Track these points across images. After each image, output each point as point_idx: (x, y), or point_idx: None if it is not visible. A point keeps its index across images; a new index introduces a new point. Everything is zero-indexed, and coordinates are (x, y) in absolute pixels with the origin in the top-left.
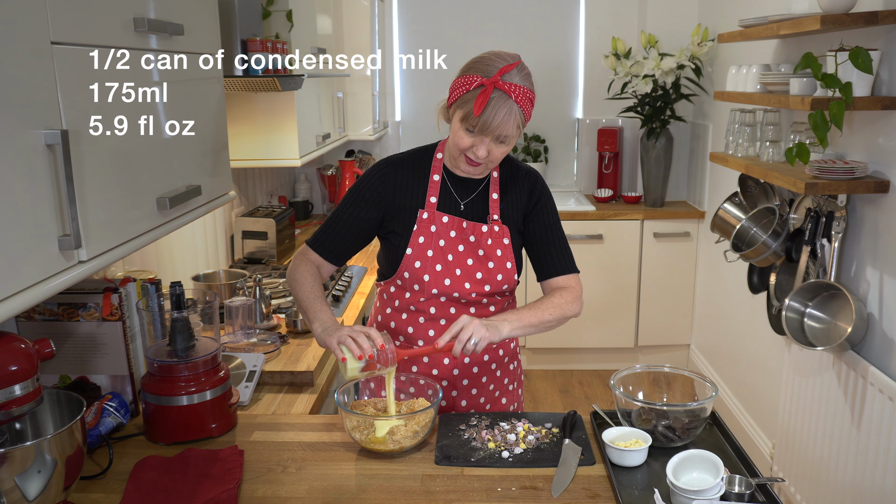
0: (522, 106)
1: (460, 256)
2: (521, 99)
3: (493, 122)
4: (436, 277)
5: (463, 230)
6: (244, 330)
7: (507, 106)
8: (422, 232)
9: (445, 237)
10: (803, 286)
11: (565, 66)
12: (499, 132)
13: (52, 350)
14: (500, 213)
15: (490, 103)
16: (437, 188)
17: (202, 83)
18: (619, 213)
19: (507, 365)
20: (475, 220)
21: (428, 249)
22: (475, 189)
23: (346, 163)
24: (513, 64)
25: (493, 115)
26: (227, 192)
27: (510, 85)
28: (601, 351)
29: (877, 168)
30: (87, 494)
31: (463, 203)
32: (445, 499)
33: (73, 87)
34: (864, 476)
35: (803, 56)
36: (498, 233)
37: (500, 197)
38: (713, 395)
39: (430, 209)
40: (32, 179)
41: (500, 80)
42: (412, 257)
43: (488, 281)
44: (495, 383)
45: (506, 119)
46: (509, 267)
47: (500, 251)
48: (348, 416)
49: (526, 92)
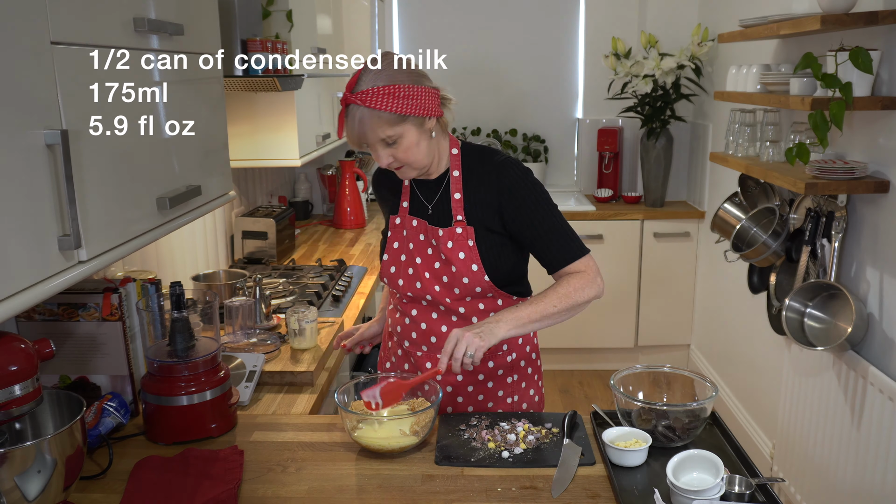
0: (374, 105)
1: (427, 259)
2: (370, 100)
3: (353, 136)
4: (408, 281)
5: (427, 233)
6: (244, 330)
7: (357, 116)
8: (395, 237)
9: (415, 241)
10: (803, 286)
11: (565, 66)
12: (369, 140)
13: (52, 350)
14: (465, 213)
15: (346, 121)
16: (408, 192)
17: (202, 83)
18: (619, 213)
19: (519, 368)
20: (441, 222)
21: (401, 254)
22: (437, 190)
23: (346, 163)
24: (359, 70)
25: (350, 131)
26: (227, 192)
27: (357, 94)
28: (601, 351)
29: (877, 168)
30: (87, 494)
31: (431, 206)
32: (445, 499)
33: (73, 87)
34: (864, 476)
35: (803, 56)
36: (461, 235)
37: (462, 196)
38: (713, 395)
39: (402, 214)
40: (32, 179)
41: (348, 95)
42: (388, 263)
43: (455, 284)
44: (504, 388)
45: (361, 127)
46: (475, 269)
47: (462, 254)
48: (348, 417)
49: (378, 91)
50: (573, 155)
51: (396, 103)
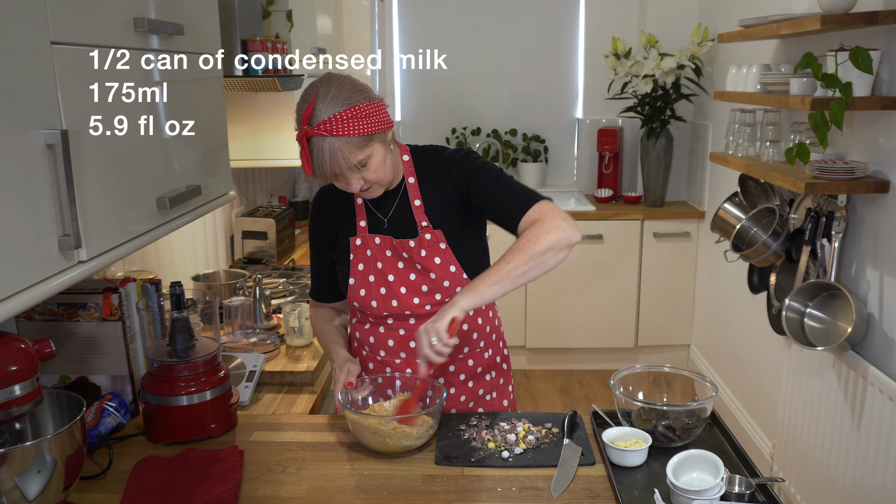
0: (342, 132)
1: (401, 274)
2: (336, 128)
3: (325, 169)
4: (382, 301)
5: (395, 248)
6: (244, 330)
7: (327, 147)
8: (359, 259)
9: (382, 258)
10: (803, 286)
11: (565, 66)
12: (340, 169)
13: (52, 350)
14: (429, 217)
15: (313, 156)
16: (363, 211)
17: (202, 83)
18: (619, 213)
19: (495, 364)
20: (402, 233)
21: (369, 275)
22: (392, 202)
23: None
24: (311, 101)
25: (321, 165)
26: (227, 192)
27: (318, 126)
28: (601, 351)
29: (877, 168)
30: (87, 494)
31: (386, 219)
32: (445, 499)
33: (73, 87)
34: (864, 476)
35: (803, 56)
36: (431, 241)
37: (423, 202)
38: (713, 395)
39: (361, 234)
40: (32, 179)
41: (306, 128)
42: (356, 286)
43: (436, 290)
44: (484, 386)
45: (333, 159)
46: (454, 270)
47: (438, 258)
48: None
49: (340, 117)
50: (573, 155)
51: (361, 125)
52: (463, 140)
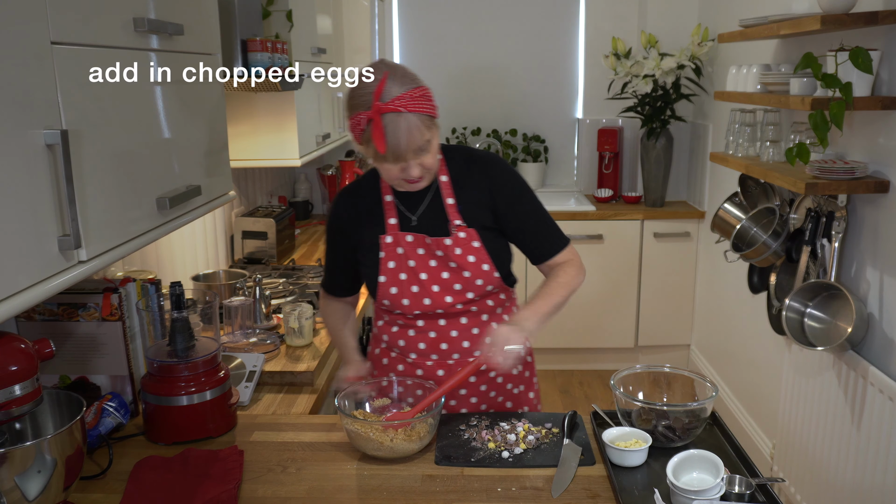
0: (416, 109)
1: (434, 272)
2: (411, 105)
3: (401, 146)
4: (414, 299)
5: (428, 246)
6: (244, 330)
7: (403, 123)
8: (390, 257)
9: (414, 256)
10: (803, 286)
11: (565, 66)
12: (415, 145)
13: (52, 350)
14: (462, 216)
15: (388, 132)
16: (393, 208)
17: (202, 83)
18: (619, 213)
19: (523, 360)
20: (434, 230)
21: (400, 273)
22: (422, 199)
23: (346, 163)
24: (382, 79)
25: (397, 141)
26: (227, 192)
27: (392, 101)
28: (601, 351)
29: (877, 168)
30: (87, 494)
31: (416, 217)
32: (445, 499)
33: (73, 87)
34: (864, 476)
35: (803, 56)
36: (465, 239)
37: (456, 200)
38: (713, 395)
39: (392, 231)
40: (32, 179)
41: (379, 104)
42: (387, 284)
43: (469, 289)
44: (512, 380)
45: (409, 135)
46: (487, 269)
47: (472, 257)
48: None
49: (411, 94)
50: (573, 155)
51: (428, 105)
52: (463, 140)
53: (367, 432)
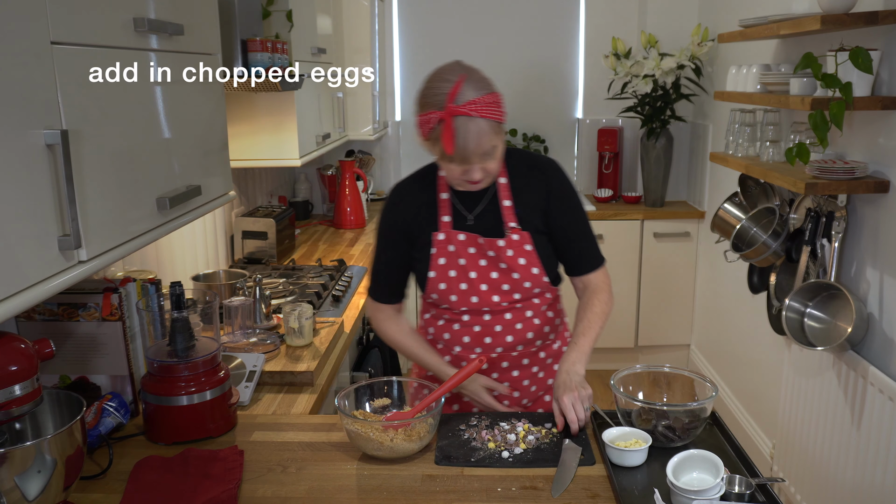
0: (488, 115)
1: (483, 271)
2: (483, 110)
3: (468, 149)
4: (462, 296)
5: (481, 246)
6: (244, 330)
7: (473, 127)
8: (441, 253)
9: (465, 255)
10: (803, 286)
11: (565, 66)
12: (482, 150)
13: (52, 350)
14: (518, 218)
15: (458, 134)
16: (448, 206)
17: (202, 83)
18: (619, 213)
19: (551, 349)
20: (489, 231)
21: (450, 270)
22: (481, 199)
23: (346, 163)
24: (458, 81)
25: (465, 144)
26: (227, 192)
27: (466, 105)
28: (601, 351)
29: (877, 168)
30: (87, 494)
31: (473, 216)
32: (445, 499)
33: (73, 87)
34: (864, 476)
35: (803, 56)
36: (518, 241)
37: (513, 202)
38: (713, 395)
39: (445, 229)
40: (32, 179)
41: (453, 106)
42: (436, 280)
43: (516, 290)
44: (542, 366)
45: (478, 139)
46: (536, 272)
47: (523, 259)
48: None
49: (484, 100)
50: (573, 155)
51: (499, 111)
52: None
53: (367, 432)
